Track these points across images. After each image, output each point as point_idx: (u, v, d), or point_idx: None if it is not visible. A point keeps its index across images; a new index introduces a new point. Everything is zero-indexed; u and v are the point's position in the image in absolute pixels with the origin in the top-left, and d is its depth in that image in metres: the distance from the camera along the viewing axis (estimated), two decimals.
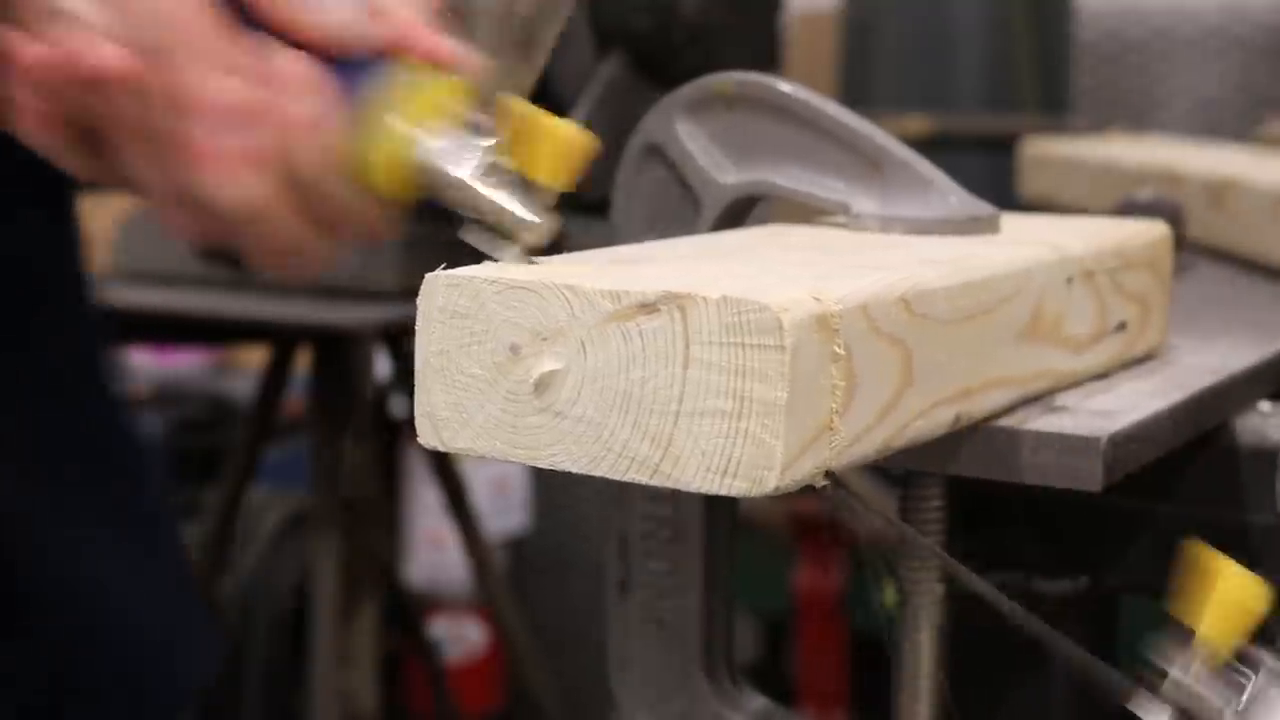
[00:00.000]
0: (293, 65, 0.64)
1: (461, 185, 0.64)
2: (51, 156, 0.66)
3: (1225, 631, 0.59)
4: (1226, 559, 0.59)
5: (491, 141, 0.64)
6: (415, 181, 0.64)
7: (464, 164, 0.64)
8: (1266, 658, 0.59)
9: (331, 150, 0.64)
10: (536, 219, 0.63)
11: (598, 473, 0.56)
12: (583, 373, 0.56)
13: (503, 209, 0.64)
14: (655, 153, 0.76)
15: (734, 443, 0.54)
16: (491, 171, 0.64)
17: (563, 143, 0.64)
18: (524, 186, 0.64)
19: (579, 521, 2.68)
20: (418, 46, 0.65)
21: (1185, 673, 0.59)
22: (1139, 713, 0.59)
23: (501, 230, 0.64)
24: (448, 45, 0.65)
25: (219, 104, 0.62)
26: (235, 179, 0.63)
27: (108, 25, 0.62)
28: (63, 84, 0.62)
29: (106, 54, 0.61)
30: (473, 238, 0.64)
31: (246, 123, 0.62)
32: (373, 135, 0.64)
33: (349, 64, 0.65)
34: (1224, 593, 0.58)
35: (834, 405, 0.56)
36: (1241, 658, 0.59)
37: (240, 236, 0.66)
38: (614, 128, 1.42)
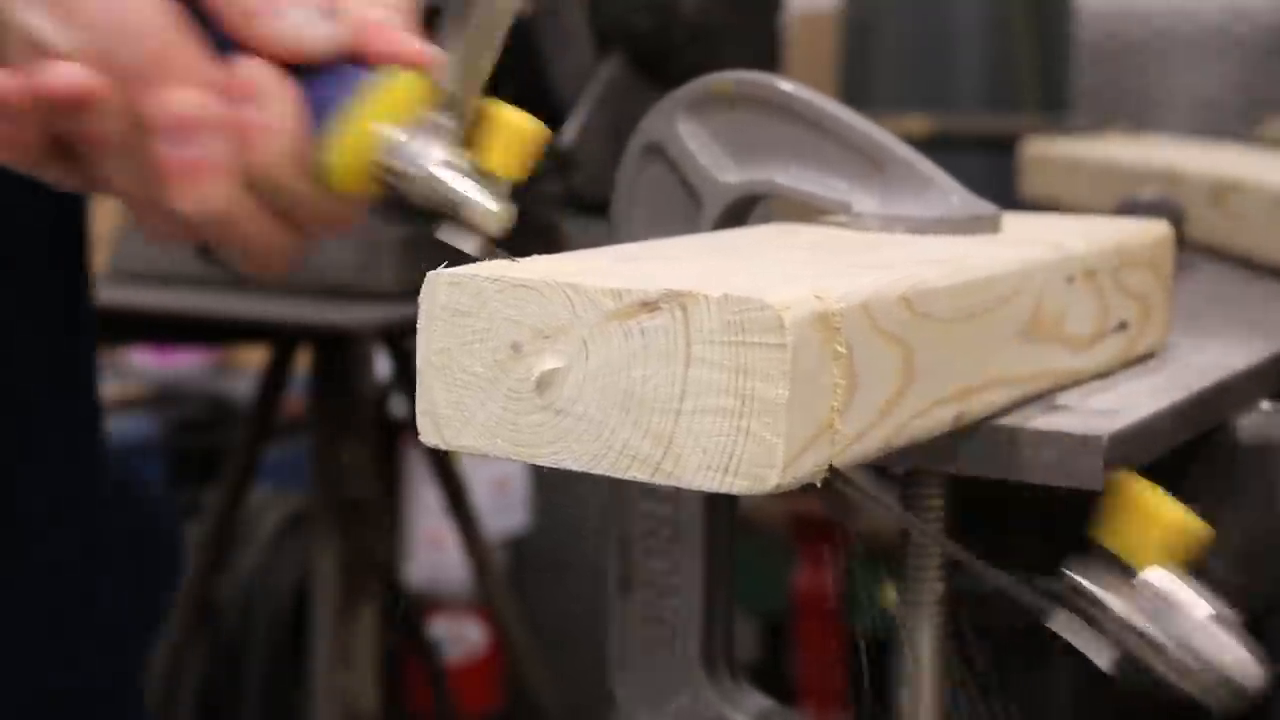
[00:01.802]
0: (252, 71, 0.64)
1: (423, 179, 0.64)
2: (28, 172, 0.66)
3: (1160, 562, 0.58)
4: (1153, 487, 0.59)
5: (450, 133, 0.65)
6: (378, 177, 0.65)
7: (425, 158, 0.64)
8: (1202, 589, 0.59)
9: (294, 153, 0.64)
10: (496, 208, 0.64)
11: (599, 470, 0.56)
12: (584, 371, 0.56)
13: (464, 200, 0.64)
14: (656, 152, 0.76)
15: (735, 441, 0.54)
16: (450, 163, 0.64)
17: (519, 133, 0.64)
18: (481, 176, 0.65)
19: (579, 521, 2.68)
20: (377, 44, 0.65)
21: (1123, 605, 0.59)
22: (1081, 649, 0.59)
23: (462, 221, 0.64)
24: (407, 41, 0.66)
25: (180, 117, 0.62)
26: (199, 188, 0.63)
27: (74, 45, 0.62)
28: (31, 108, 0.62)
29: (74, 76, 0.61)
30: (435, 229, 0.65)
31: (207, 133, 0.63)
32: (334, 134, 0.64)
33: (308, 65, 0.65)
34: (1155, 524, 0.58)
35: (835, 404, 0.56)
36: (1178, 589, 0.59)
37: (212, 239, 0.66)
38: (614, 128, 1.42)
